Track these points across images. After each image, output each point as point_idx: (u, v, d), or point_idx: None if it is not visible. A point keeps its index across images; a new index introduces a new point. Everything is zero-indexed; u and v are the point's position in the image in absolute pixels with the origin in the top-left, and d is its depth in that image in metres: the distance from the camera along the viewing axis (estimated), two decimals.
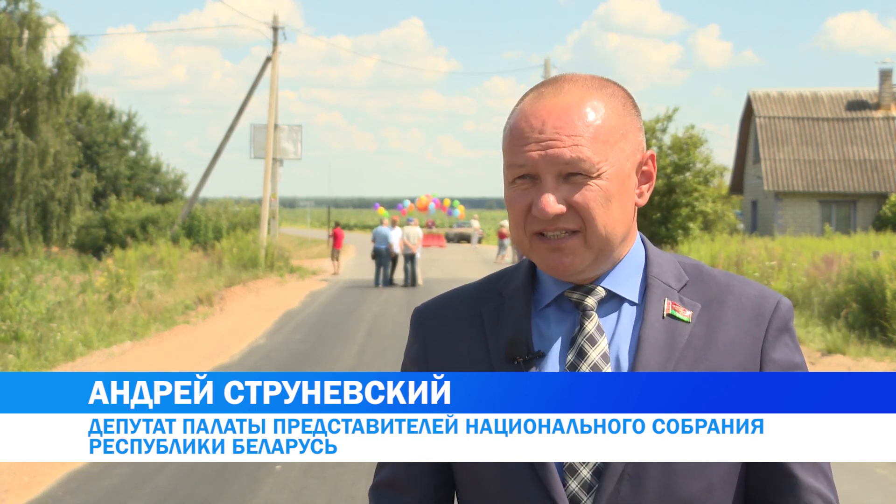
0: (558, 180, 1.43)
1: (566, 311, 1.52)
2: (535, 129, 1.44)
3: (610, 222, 1.45)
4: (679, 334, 1.47)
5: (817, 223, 32.93)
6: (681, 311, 1.48)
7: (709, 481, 1.43)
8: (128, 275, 17.16)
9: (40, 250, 28.61)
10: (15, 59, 30.78)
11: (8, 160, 30.33)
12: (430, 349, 1.58)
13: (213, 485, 6.76)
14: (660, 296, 1.50)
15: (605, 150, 1.43)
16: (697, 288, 1.52)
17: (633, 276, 1.52)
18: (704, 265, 1.57)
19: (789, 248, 20.33)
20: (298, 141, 31.52)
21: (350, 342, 14.07)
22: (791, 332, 1.51)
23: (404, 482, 1.58)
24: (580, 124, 1.43)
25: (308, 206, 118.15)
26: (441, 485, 1.58)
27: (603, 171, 1.43)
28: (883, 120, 34.01)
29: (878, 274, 13.36)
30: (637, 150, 1.49)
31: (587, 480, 1.43)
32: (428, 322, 1.61)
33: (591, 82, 1.49)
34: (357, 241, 55.48)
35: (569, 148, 1.42)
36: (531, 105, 1.47)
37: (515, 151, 1.45)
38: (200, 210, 33.79)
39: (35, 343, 11.97)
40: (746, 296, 1.51)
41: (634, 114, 1.51)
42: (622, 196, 1.46)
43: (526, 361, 1.48)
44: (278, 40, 30.46)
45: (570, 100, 1.45)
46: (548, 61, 38.77)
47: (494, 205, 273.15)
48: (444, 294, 1.65)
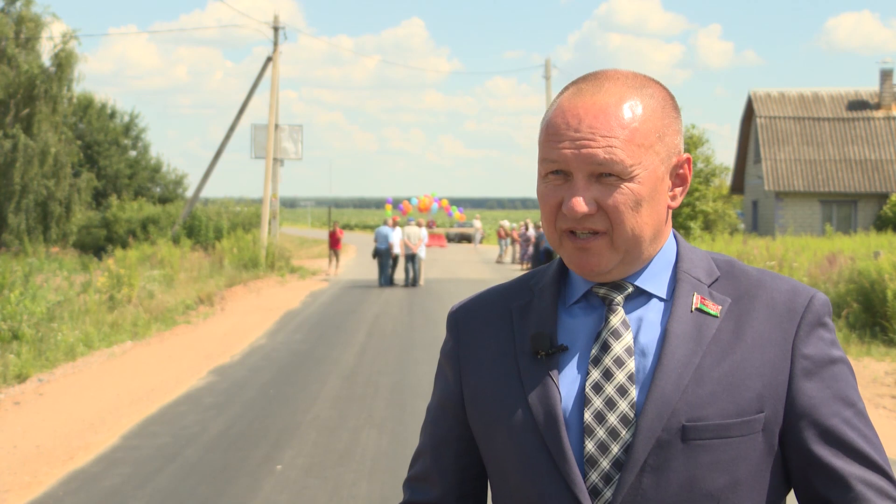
0: (590, 180, 1.43)
1: (594, 306, 1.52)
2: (570, 127, 1.43)
3: (638, 225, 1.44)
4: (707, 328, 1.45)
5: (818, 223, 32.91)
6: (709, 306, 1.47)
7: (735, 476, 1.42)
8: (129, 275, 17.15)
9: (40, 250, 28.58)
10: (12, 58, 30.76)
11: (8, 160, 30.31)
12: (462, 345, 1.60)
13: (214, 485, 6.75)
14: (689, 290, 1.49)
15: (639, 153, 1.43)
16: (728, 283, 1.51)
17: (663, 272, 1.52)
18: (738, 262, 1.56)
19: (790, 247, 20.33)
20: (299, 141, 31.51)
21: (351, 342, 14.06)
22: (827, 327, 1.48)
23: (433, 476, 1.61)
24: (616, 125, 1.42)
25: (309, 206, 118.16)
26: (468, 479, 1.60)
27: (636, 174, 1.42)
28: (884, 120, 33.99)
29: (879, 274, 13.35)
30: (673, 153, 1.48)
31: (607, 472, 1.42)
32: (461, 320, 1.63)
33: (631, 81, 1.48)
34: (357, 241, 55.46)
35: (603, 149, 1.41)
36: (569, 101, 1.46)
37: (550, 147, 1.45)
38: (201, 210, 33.78)
39: (36, 343, 11.97)
40: (779, 291, 1.49)
41: (673, 115, 1.49)
42: (653, 199, 1.45)
43: (549, 355, 1.48)
44: (279, 40, 30.47)
45: (608, 99, 1.44)
46: (548, 61, 38.76)
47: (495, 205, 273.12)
48: (479, 293, 1.66)
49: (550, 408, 1.45)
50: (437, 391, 1.64)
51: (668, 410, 1.40)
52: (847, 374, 1.47)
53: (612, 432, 1.42)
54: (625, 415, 1.42)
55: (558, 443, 1.44)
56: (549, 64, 38.73)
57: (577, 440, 1.44)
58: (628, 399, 1.43)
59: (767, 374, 1.43)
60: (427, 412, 1.66)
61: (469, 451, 1.59)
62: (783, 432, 1.44)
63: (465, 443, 1.58)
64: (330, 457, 7.48)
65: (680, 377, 1.41)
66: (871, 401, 9.57)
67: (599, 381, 1.44)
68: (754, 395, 1.42)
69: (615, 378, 1.44)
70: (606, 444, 1.42)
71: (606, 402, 1.43)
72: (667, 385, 1.41)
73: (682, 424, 1.40)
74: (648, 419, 1.40)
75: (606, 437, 1.42)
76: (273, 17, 30.86)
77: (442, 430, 1.61)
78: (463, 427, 1.58)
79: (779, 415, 1.43)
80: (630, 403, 1.42)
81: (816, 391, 1.43)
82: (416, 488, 1.63)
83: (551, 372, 1.47)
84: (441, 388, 1.63)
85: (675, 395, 1.41)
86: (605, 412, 1.43)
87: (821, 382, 1.44)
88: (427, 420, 1.65)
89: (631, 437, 1.41)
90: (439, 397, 1.63)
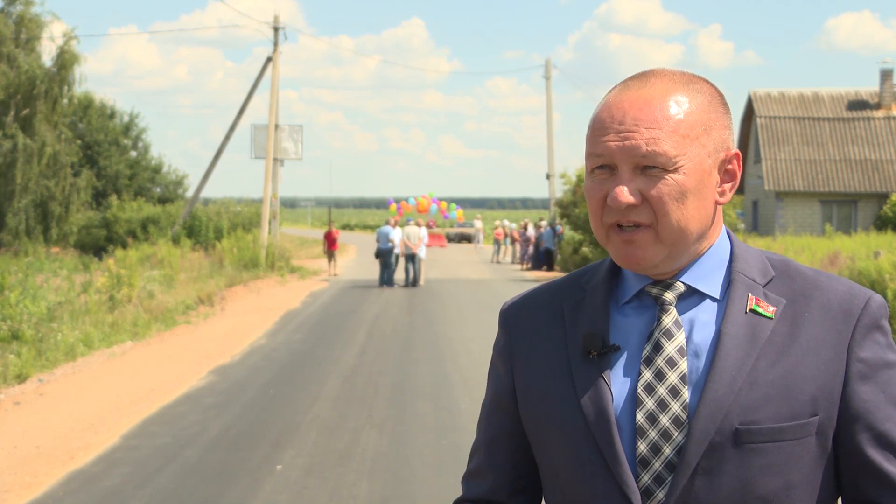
0: (635, 172, 1.43)
1: (646, 306, 1.51)
2: (615, 120, 1.43)
3: (684, 218, 1.43)
4: (761, 330, 1.44)
5: (818, 223, 32.90)
6: (764, 307, 1.46)
7: (788, 480, 1.41)
8: (129, 275, 17.15)
9: (40, 250, 28.59)
10: (12, 58, 30.76)
11: (7, 160, 30.31)
12: (514, 343, 1.60)
13: (214, 485, 6.75)
14: (743, 291, 1.47)
15: (684, 145, 1.42)
16: (783, 283, 1.49)
17: (716, 271, 1.50)
18: (793, 261, 1.55)
19: (790, 248, 20.33)
20: (299, 141, 31.51)
21: (351, 342, 14.06)
22: (883, 330, 1.46)
23: (487, 471, 1.62)
24: (660, 117, 1.42)
25: (309, 206, 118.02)
26: (522, 475, 1.60)
27: (681, 166, 1.42)
28: (884, 120, 33.98)
29: (879, 274, 13.35)
30: (721, 148, 1.47)
31: (660, 473, 1.42)
32: (513, 317, 1.63)
33: (678, 77, 1.48)
34: (358, 241, 55.46)
35: (646, 140, 1.41)
36: (616, 96, 1.47)
37: (595, 141, 1.45)
38: (201, 210, 33.78)
39: (36, 343, 11.97)
40: (834, 292, 1.47)
41: (721, 111, 1.49)
42: (700, 192, 1.44)
43: (601, 355, 1.48)
44: (279, 40, 30.47)
45: (654, 92, 1.44)
46: (548, 61, 38.77)
47: (495, 205, 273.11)
48: (531, 290, 1.66)
49: (602, 409, 1.45)
50: (491, 387, 1.64)
51: (721, 413, 1.39)
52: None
53: (664, 434, 1.42)
54: (677, 416, 1.41)
55: (610, 444, 1.43)
56: (549, 64, 38.72)
57: (629, 441, 1.44)
58: (681, 400, 1.42)
59: (822, 377, 1.42)
60: (482, 408, 1.67)
61: (522, 446, 1.59)
62: (836, 435, 1.43)
63: (518, 439, 1.59)
64: (330, 457, 7.48)
65: (734, 380, 1.41)
66: None
67: (651, 381, 1.44)
68: (808, 399, 1.41)
69: (667, 379, 1.43)
70: (659, 445, 1.42)
71: (659, 403, 1.43)
72: (720, 387, 1.40)
73: (735, 427, 1.39)
74: (701, 422, 1.40)
75: (659, 439, 1.42)
76: (273, 17, 30.87)
77: (495, 426, 1.61)
78: (516, 423, 1.58)
79: (832, 418, 1.42)
80: (682, 405, 1.42)
81: (871, 395, 1.42)
82: (471, 483, 1.65)
83: (603, 372, 1.47)
84: (494, 385, 1.63)
85: (728, 397, 1.40)
86: (658, 413, 1.42)
87: (875, 386, 1.43)
88: (482, 416, 1.66)
89: (683, 438, 1.41)
90: (493, 393, 1.63)
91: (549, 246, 31.42)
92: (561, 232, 32.46)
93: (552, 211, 35.74)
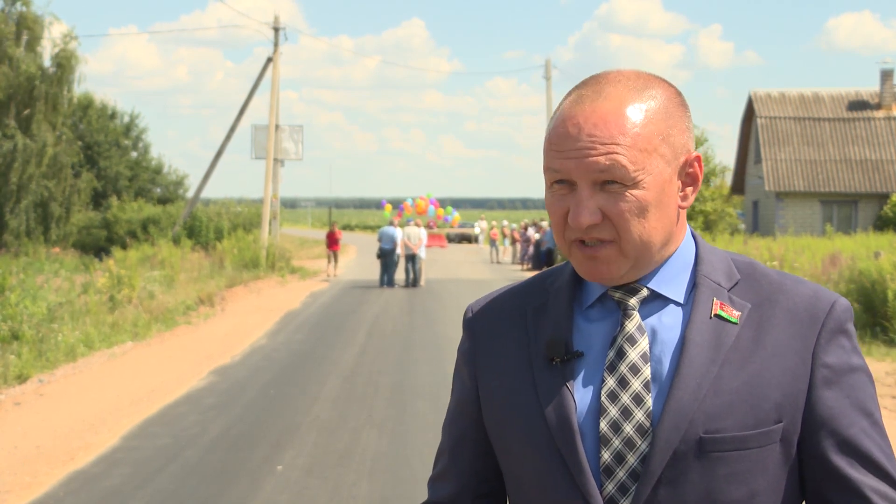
0: (594, 188, 1.40)
1: (610, 310, 1.49)
2: (571, 136, 1.41)
3: (646, 231, 1.41)
4: (726, 336, 1.42)
5: (818, 223, 32.90)
6: (729, 312, 1.44)
7: (752, 488, 1.39)
8: (129, 275, 17.15)
9: (41, 251, 28.58)
10: (12, 58, 30.76)
11: (7, 160, 30.31)
12: (479, 347, 1.58)
13: (214, 486, 6.75)
14: (708, 295, 1.45)
15: (643, 158, 1.40)
16: (749, 287, 1.47)
17: (681, 274, 1.48)
18: (759, 264, 1.52)
19: (791, 248, 20.32)
20: (300, 141, 31.51)
21: (351, 342, 14.06)
22: (848, 334, 1.45)
23: (451, 476, 1.61)
24: (617, 132, 1.39)
25: (309, 206, 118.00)
26: (486, 480, 1.59)
27: (640, 180, 1.40)
28: (884, 120, 33.98)
29: (880, 274, 13.35)
30: (681, 153, 1.45)
31: (624, 482, 1.40)
32: (477, 320, 1.61)
33: (633, 83, 1.44)
34: (358, 241, 55.46)
35: (604, 156, 1.38)
36: (570, 109, 1.43)
37: (552, 157, 1.43)
38: (202, 210, 33.77)
39: (36, 343, 11.97)
40: (800, 296, 1.45)
41: (678, 115, 1.46)
42: (661, 203, 1.42)
43: (564, 362, 1.46)
44: (279, 41, 30.48)
45: (608, 106, 1.41)
46: (548, 61, 38.77)
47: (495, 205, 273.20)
48: (496, 292, 1.64)
49: (565, 417, 1.43)
50: (455, 392, 1.63)
51: (685, 421, 1.38)
52: (866, 382, 1.44)
53: (628, 442, 1.40)
54: (641, 424, 1.40)
55: (573, 453, 1.42)
56: (549, 64, 38.73)
57: (592, 450, 1.42)
58: (644, 408, 1.40)
59: (787, 383, 1.40)
60: (447, 412, 1.65)
61: (487, 452, 1.58)
62: (800, 442, 1.42)
63: (482, 444, 1.58)
64: (330, 457, 7.48)
65: (698, 387, 1.39)
66: None
67: (615, 389, 1.42)
68: (773, 406, 1.39)
69: (631, 386, 1.42)
70: (623, 454, 1.40)
71: (622, 411, 1.41)
72: (684, 395, 1.39)
73: (699, 436, 1.38)
74: (666, 430, 1.38)
75: (623, 448, 1.40)
76: (273, 17, 30.88)
77: (460, 431, 1.60)
78: (480, 428, 1.57)
79: (797, 424, 1.41)
80: (646, 413, 1.40)
81: (836, 401, 1.41)
82: (435, 487, 1.64)
83: (566, 379, 1.45)
84: (458, 389, 1.62)
85: (692, 405, 1.38)
86: (621, 422, 1.41)
87: (840, 392, 1.41)
88: (446, 420, 1.64)
89: (647, 447, 1.39)
90: (457, 398, 1.62)
91: (550, 246, 31.44)
92: None
93: None
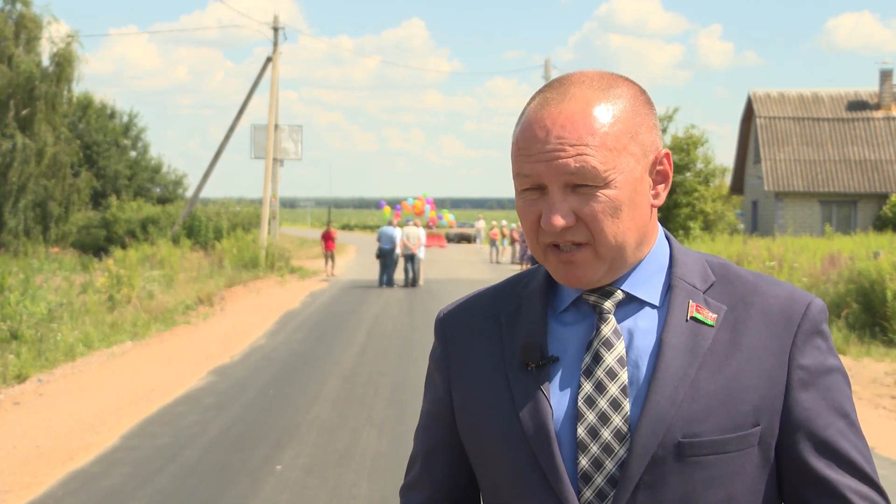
0: (566, 191, 1.39)
1: (584, 314, 1.47)
2: (538, 140, 1.39)
3: (620, 232, 1.40)
4: (702, 338, 1.41)
5: (818, 223, 32.91)
6: (705, 314, 1.43)
7: (730, 492, 1.39)
8: (128, 275, 17.15)
9: (40, 250, 28.59)
10: (12, 58, 30.76)
11: (6, 160, 30.31)
12: (451, 353, 1.56)
13: (214, 485, 6.75)
14: (683, 297, 1.44)
15: (612, 158, 1.38)
16: (724, 289, 1.46)
17: (655, 276, 1.47)
18: (732, 265, 1.51)
19: (790, 248, 20.33)
20: (299, 141, 31.51)
21: (351, 342, 14.06)
22: (824, 335, 1.44)
23: (424, 483, 1.59)
24: (585, 133, 1.38)
25: (309, 206, 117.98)
26: (459, 487, 1.58)
27: (611, 180, 1.38)
28: (883, 120, 33.99)
29: (879, 274, 13.35)
30: (650, 151, 1.44)
31: (602, 488, 1.39)
32: (449, 326, 1.59)
33: (597, 83, 1.43)
34: (357, 241, 55.46)
35: (573, 158, 1.37)
36: (536, 113, 1.42)
37: (521, 162, 1.42)
38: (201, 210, 33.78)
39: (35, 343, 11.96)
40: (775, 297, 1.45)
41: (645, 112, 1.44)
42: (634, 202, 1.41)
43: (539, 367, 1.44)
44: (279, 41, 30.48)
45: (575, 107, 1.40)
46: (548, 62, 38.78)
47: (495, 205, 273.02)
48: (467, 297, 1.62)
49: (542, 423, 1.41)
50: (428, 398, 1.60)
51: (663, 426, 1.37)
52: (842, 383, 1.44)
53: (606, 448, 1.39)
54: (618, 429, 1.39)
55: (551, 460, 1.40)
56: (548, 64, 38.73)
57: (569, 456, 1.41)
58: (622, 413, 1.39)
59: (763, 385, 1.40)
60: (420, 418, 1.63)
61: (460, 459, 1.56)
62: (778, 444, 1.41)
63: (455, 451, 1.56)
64: (330, 457, 7.48)
65: (675, 391, 1.38)
66: (871, 401, 9.57)
67: (592, 394, 1.41)
68: (750, 409, 1.39)
69: (608, 391, 1.40)
70: (600, 460, 1.39)
71: (600, 416, 1.40)
72: (661, 400, 1.38)
73: (677, 441, 1.37)
74: (643, 435, 1.37)
75: (600, 453, 1.39)
76: (273, 17, 30.88)
77: (432, 438, 1.58)
78: (453, 435, 1.55)
79: (774, 427, 1.40)
80: (624, 418, 1.39)
81: (812, 402, 1.41)
82: (408, 496, 1.61)
83: (542, 385, 1.43)
84: (431, 396, 1.59)
85: (670, 410, 1.37)
86: (599, 427, 1.39)
87: (817, 393, 1.41)
88: (419, 427, 1.62)
89: (626, 452, 1.38)
90: (429, 405, 1.59)
91: None
92: None
93: None
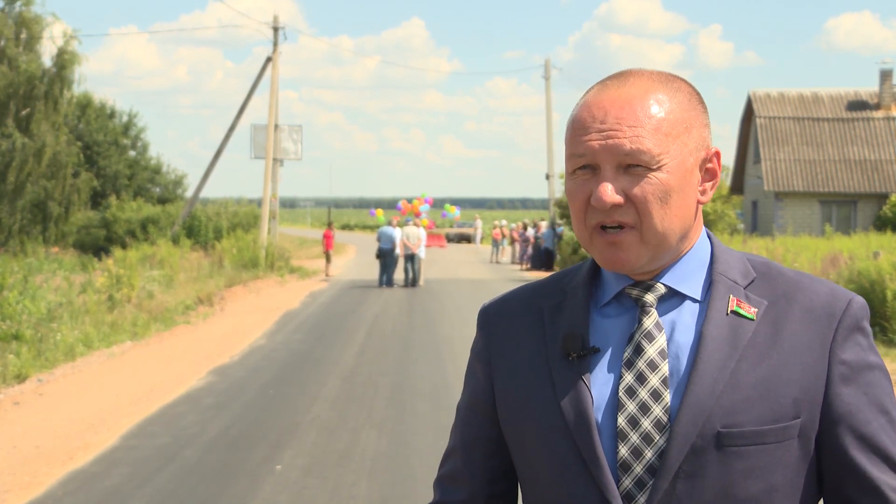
0: (618, 171, 1.41)
1: (626, 307, 1.49)
2: (596, 119, 1.42)
3: (667, 217, 1.42)
4: (742, 331, 1.43)
5: (818, 223, 32.90)
6: (745, 308, 1.45)
7: (770, 483, 1.40)
8: (128, 275, 17.15)
9: (40, 250, 28.58)
10: (12, 58, 30.75)
11: (6, 160, 30.30)
12: (493, 345, 1.58)
13: (213, 485, 6.75)
14: (724, 292, 1.46)
15: (666, 143, 1.41)
16: (765, 285, 1.48)
17: (697, 272, 1.49)
18: (774, 263, 1.53)
19: (790, 248, 20.33)
20: (299, 141, 31.52)
21: (351, 342, 14.06)
22: (864, 332, 1.46)
23: (463, 476, 1.60)
24: (642, 115, 1.41)
25: (308, 206, 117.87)
26: (498, 479, 1.59)
27: (664, 164, 1.41)
28: (883, 120, 33.98)
29: (879, 274, 13.36)
30: (701, 146, 1.47)
31: (641, 477, 1.40)
32: (492, 318, 1.61)
33: (656, 76, 1.48)
34: (357, 241, 55.47)
35: (629, 139, 1.40)
36: (595, 96, 1.46)
37: (576, 141, 1.44)
38: (201, 210, 33.79)
39: (35, 343, 11.96)
40: (816, 293, 1.46)
41: (700, 109, 1.48)
42: (682, 191, 1.43)
43: (580, 357, 1.46)
44: (279, 40, 30.48)
45: (634, 91, 1.44)
46: (548, 62, 38.75)
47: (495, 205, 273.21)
48: (511, 291, 1.65)
49: (582, 412, 1.43)
50: (468, 390, 1.62)
51: (703, 416, 1.38)
52: (883, 380, 1.45)
53: (645, 437, 1.40)
54: (659, 419, 1.40)
55: (591, 448, 1.42)
56: (548, 64, 38.71)
57: (609, 445, 1.42)
58: (662, 404, 1.41)
59: (804, 379, 1.41)
60: (457, 411, 1.64)
61: (500, 451, 1.57)
62: (818, 437, 1.42)
63: (495, 443, 1.57)
64: (330, 457, 7.48)
65: (715, 382, 1.39)
66: None
67: (633, 384, 1.43)
68: (790, 401, 1.40)
69: (649, 382, 1.42)
70: (640, 449, 1.41)
71: (640, 406, 1.41)
72: (702, 390, 1.39)
73: (717, 431, 1.38)
74: (683, 425, 1.38)
75: (640, 443, 1.41)
76: (273, 17, 30.88)
77: (472, 430, 1.59)
78: (493, 427, 1.56)
79: (815, 420, 1.41)
80: (664, 408, 1.41)
81: (853, 397, 1.42)
82: (446, 488, 1.62)
83: (583, 374, 1.45)
84: (471, 388, 1.61)
85: (710, 400, 1.39)
86: (639, 417, 1.41)
87: (858, 388, 1.42)
88: (457, 419, 1.63)
89: (665, 442, 1.40)
90: (469, 397, 1.61)
91: (548, 246, 31.43)
92: (561, 232, 32.47)
93: (552, 211, 35.74)
